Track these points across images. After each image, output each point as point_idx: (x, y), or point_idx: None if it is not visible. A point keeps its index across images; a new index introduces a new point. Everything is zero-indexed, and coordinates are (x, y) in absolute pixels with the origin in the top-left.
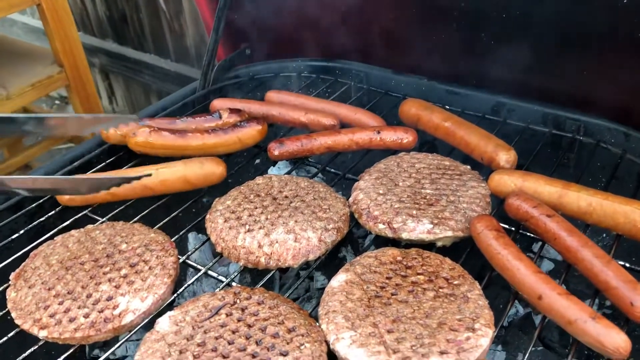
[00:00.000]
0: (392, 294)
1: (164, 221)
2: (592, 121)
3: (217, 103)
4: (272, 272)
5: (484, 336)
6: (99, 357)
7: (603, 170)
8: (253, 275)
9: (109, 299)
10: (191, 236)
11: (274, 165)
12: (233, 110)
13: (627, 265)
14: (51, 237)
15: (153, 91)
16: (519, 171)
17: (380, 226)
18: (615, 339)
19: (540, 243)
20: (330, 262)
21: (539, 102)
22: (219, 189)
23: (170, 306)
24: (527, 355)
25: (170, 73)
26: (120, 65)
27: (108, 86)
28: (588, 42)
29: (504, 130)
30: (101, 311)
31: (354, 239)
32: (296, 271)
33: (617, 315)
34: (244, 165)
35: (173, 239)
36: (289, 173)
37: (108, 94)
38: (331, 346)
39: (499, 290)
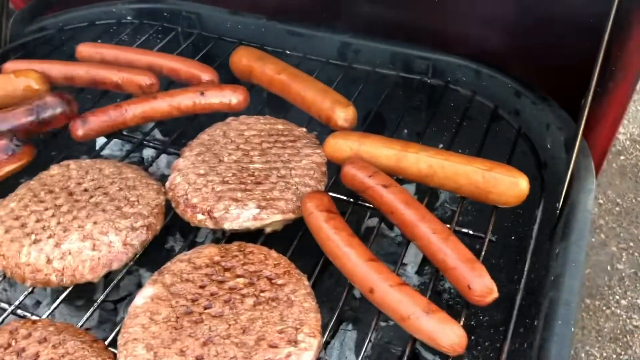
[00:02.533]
0: (205, 308)
1: None
2: (442, 59)
3: (10, 66)
4: (68, 289)
5: (308, 349)
6: None
7: (456, 111)
8: None
9: None
10: None
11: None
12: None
13: (471, 232)
14: None
15: None
16: (356, 133)
17: (200, 216)
18: (449, 336)
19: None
20: (157, 254)
21: (387, 40)
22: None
23: None
24: (373, 332)
25: None
26: None
27: None
28: None
29: (350, 76)
30: None
31: (184, 224)
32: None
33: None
34: (47, 145)
35: None
36: (101, 150)
37: None
38: None
39: None
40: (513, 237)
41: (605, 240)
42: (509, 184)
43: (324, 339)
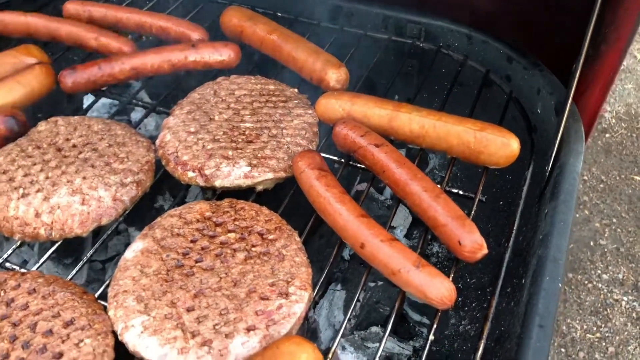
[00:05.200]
0: (197, 261)
1: None
2: (434, 23)
3: None
4: (57, 244)
5: (299, 302)
6: None
7: (448, 76)
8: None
9: None
10: None
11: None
12: None
13: (461, 192)
14: None
15: None
16: (348, 93)
17: (190, 174)
18: (439, 289)
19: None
20: (147, 213)
21: (379, 4)
22: None
23: None
24: (361, 291)
25: None
26: None
27: None
28: None
29: (341, 40)
30: None
31: (174, 183)
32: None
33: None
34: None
35: None
36: (87, 111)
37: None
38: (119, 337)
39: None
40: (501, 202)
41: (589, 216)
42: (500, 144)
43: (314, 297)
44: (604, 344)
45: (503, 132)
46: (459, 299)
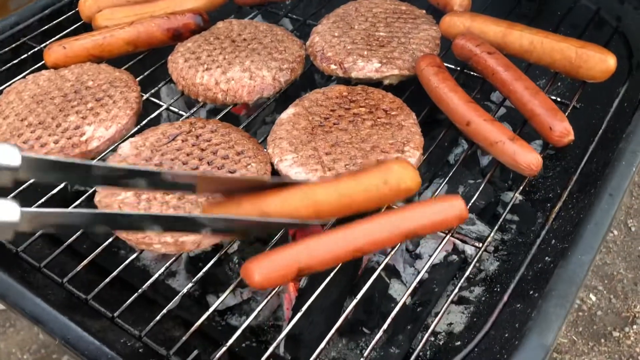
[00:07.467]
0: (334, 124)
1: (130, 63)
2: None
3: None
4: (229, 108)
5: (412, 157)
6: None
7: (560, 19)
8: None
9: (77, 127)
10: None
11: None
12: None
13: (559, 99)
14: (24, 77)
15: None
16: (469, 13)
17: (332, 66)
18: (527, 156)
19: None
20: (291, 103)
21: None
22: None
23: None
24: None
25: None
26: None
27: None
28: None
29: None
30: (69, 138)
31: (315, 84)
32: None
33: None
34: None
35: (138, 78)
36: (252, 19)
37: None
38: (275, 166)
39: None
40: (593, 119)
41: None
42: (598, 60)
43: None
44: None
45: (601, 49)
46: (548, 204)
